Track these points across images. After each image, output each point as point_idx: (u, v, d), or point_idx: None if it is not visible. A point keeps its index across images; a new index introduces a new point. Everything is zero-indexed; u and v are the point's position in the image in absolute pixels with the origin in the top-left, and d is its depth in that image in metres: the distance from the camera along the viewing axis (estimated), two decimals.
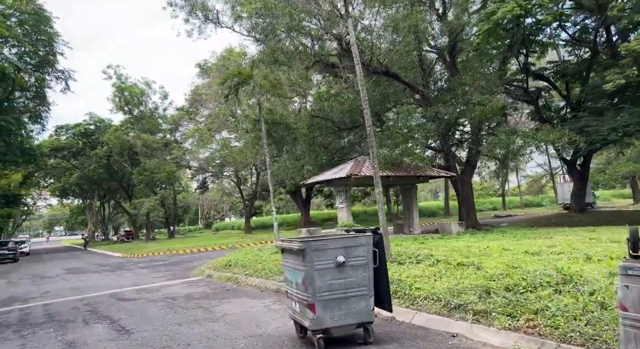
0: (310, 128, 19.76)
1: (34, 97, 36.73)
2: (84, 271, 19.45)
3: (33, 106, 38.26)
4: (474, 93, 15.28)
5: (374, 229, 5.27)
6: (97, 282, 14.41)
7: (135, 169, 43.94)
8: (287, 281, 5.51)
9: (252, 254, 14.31)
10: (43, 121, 38.57)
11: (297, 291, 5.09)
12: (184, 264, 18.50)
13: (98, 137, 51.00)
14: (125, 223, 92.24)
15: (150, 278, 14.45)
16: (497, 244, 10.65)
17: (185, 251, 25.59)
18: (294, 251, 5.00)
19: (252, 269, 11.52)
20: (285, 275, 5.58)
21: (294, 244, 5.06)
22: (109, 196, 63.49)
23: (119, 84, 44.06)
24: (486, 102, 14.51)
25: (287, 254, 5.38)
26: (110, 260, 25.41)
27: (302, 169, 24.66)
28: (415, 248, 10.44)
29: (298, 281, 5.03)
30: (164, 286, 11.92)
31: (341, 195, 17.14)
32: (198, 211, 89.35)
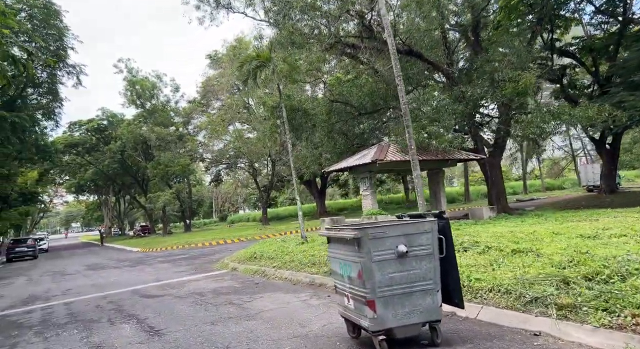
0: (329, 114, 19.01)
1: (47, 93, 36.52)
2: (103, 267, 19.15)
3: (46, 103, 38.11)
4: (504, 69, 14.36)
5: (438, 213, 4.57)
6: (119, 278, 14.01)
7: (150, 163, 43.74)
8: (335, 275, 4.88)
9: (276, 245, 13.75)
10: (56, 117, 38.44)
11: (350, 286, 4.45)
12: (204, 257, 18.06)
13: (111, 133, 50.95)
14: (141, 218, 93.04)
15: (173, 272, 14.00)
16: (542, 229, 9.89)
17: (204, 244, 25.22)
18: (347, 240, 4.35)
19: (280, 261, 10.94)
20: (333, 268, 4.94)
21: (345, 232, 4.40)
22: (124, 191, 63.71)
23: (130, 77, 43.73)
24: (518, 78, 13.61)
25: (336, 244, 4.73)
26: (129, 255, 25.18)
27: (320, 157, 23.99)
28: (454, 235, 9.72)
29: (351, 274, 4.39)
30: (188, 281, 11.42)
31: (365, 182, 16.44)
32: (212, 204, 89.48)
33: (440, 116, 15.08)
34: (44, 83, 35.40)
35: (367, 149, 17.39)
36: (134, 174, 52.55)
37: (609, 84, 22.67)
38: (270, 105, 17.54)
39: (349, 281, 4.47)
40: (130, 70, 44.11)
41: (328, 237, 4.96)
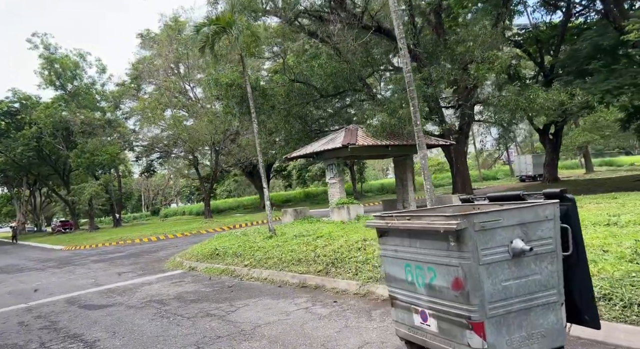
0: (289, 95, 17.45)
1: None
2: (21, 269, 16.19)
3: None
4: (476, 49, 13.75)
5: (558, 192, 3.32)
6: (45, 283, 11.57)
7: (73, 152, 39.12)
8: (395, 281, 3.55)
9: (239, 240, 12.11)
10: None
11: (431, 299, 3.15)
12: (148, 255, 15.85)
13: (24, 117, 44.97)
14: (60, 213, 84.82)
15: (114, 274, 11.83)
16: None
17: (142, 240, 22.62)
18: (431, 233, 3.02)
19: (252, 259, 9.38)
20: (389, 271, 3.60)
21: (434, 220, 3.05)
22: (40, 182, 57.07)
23: (47, 54, 38.60)
24: (494, 58, 13.07)
25: (401, 238, 3.39)
26: (51, 254, 21.91)
27: (274, 144, 22.36)
28: None
29: (435, 282, 3.08)
30: (139, 285, 9.48)
31: (332, 169, 15.18)
32: (142, 198, 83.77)
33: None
34: None
35: (333, 133, 16.15)
36: (52, 164, 46.94)
37: (552, 74, 23.39)
38: (225, 82, 15.62)
39: (428, 291, 3.16)
40: (48, 47, 38.98)
41: (381, 229, 3.60)
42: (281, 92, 17.31)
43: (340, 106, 21.05)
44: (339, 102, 20.84)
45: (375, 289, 5.92)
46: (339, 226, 12.24)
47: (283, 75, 17.14)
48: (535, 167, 43.88)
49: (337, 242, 8.68)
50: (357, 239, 8.54)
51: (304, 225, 13.85)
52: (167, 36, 33.30)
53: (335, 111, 21.03)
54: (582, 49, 19.81)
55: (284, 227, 13.62)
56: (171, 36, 33.57)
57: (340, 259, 7.33)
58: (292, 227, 13.42)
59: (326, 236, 9.76)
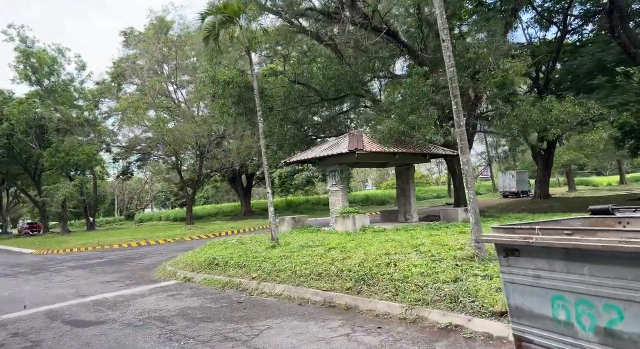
0: (288, 97, 16.64)
1: None
2: None
3: None
4: (488, 57, 13.32)
5: None
6: (17, 292, 10.29)
7: (47, 151, 37.11)
8: (527, 317, 2.75)
9: (239, 249, 11.15)
10: None
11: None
12: (131, 262, 14.63)
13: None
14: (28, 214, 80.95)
15: (98, 283, 10.65)
16: None
17: (121, 246, 21.20)
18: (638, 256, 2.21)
19: (261, 272, 8.44)
20: (519, 303, 2.80)
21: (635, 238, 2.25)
22: (8, 182, 54.19)
23: (23, 48, 36.71)
24: (509, 66, 12.65)
25: (554, 260, 2.58)
26: (21, 258, 20.24)
27: (267, 149, 21.43)
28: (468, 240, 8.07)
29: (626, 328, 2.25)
30: (130, 297, 8.40)
31: (335, 176, 14.39)
32: (115, 201, 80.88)
33: (420, 105, 13.61)
34: None
35: (335, 139, 15.40)
36: (23, 163, 44.51)
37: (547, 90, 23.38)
38: (223, 80, 14.70)
39: (604, 339, 2.33)
40: (25, 40, 37.03)
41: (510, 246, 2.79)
42: (280, 93, 16.50)
43: (339, 111, 20.36)
44: (339, 107, 20.15)
45: (428, 315, 5.10)
46: (346, 237, 11.44)
47: (283, 76, 16.35)
48: (519, 184, 44.20)
49: (356, 255, 7.87)
50: (378, 252, 7.77)
51: (306, 235, 12.99)
52: (154, 34, 32.05)
53: (333, 117, 20.31)
54: (583, 65, 19.79)
55: (284, 237, 12.73)
56: (158, 35, 32.38)
57: (371, 275, 6.51)
58: (294, 236, 12.55)
59: (339, 248, 8.94)
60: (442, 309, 5.03)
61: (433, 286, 5.53)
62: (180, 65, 34.56)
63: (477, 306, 4.73)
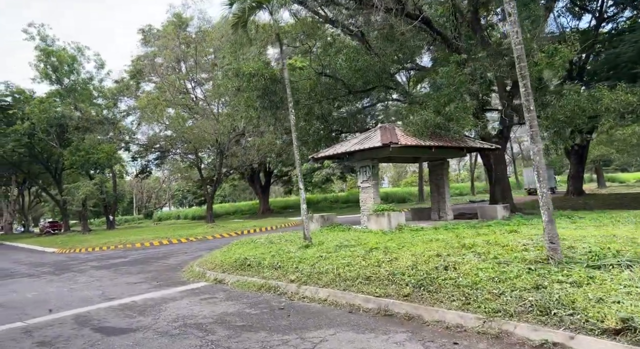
0: (314, 90, 15.97)
1: None
2: (11, 273, 14.41)
3: None
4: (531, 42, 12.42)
5: None
6: (42, 293, 9.88)
7: (67, 149, 37.21)
8: None
9: (269, 248, 10.56)
10: None
11: None
12: (155, 262, 14.18)
13: (16, 112, 42.95)
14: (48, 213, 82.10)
15: (124, 284, 10.19)
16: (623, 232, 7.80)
17: (143, 245, 20.86)
18: None
19: (300, 274, 7.82)
20: None
21: None
22: (30, 181, 54.79)
23: (43, 46, 36.78)
24: (556, 52, 11.76)
25: None
26: (44, 257, 20.06)
27: (290, 145, 20.83)
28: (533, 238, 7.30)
29: None
30: (160, 300, 7.87)
31: (366, 171, 13.69)
32: (133, 200, 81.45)
33: (457, 96, 12.82)
34: None
35: (365, 133, 14.69)
36: (44, 162, 44.85)
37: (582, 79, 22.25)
38: (248, 72, 14.11)
39: None
40: (45, 38, 37.11)
41: None
42: (306, 86, 15.85)
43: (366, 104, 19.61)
44: (366, 100, 19.41)
45: (513, 329, 4.39)
46: (382, 236, 10.75)
47: (309, 68, 15.67)
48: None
49: (403, 256, 7.19)
50: (427, 254, 7.07)
51: (338, 233, 12.34)
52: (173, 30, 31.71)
53: (358, 111, 19.58)
54: (624, 53, 18.70)
55: (315, 235, 12.12)
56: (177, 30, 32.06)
57: (429, 280, 5.82)
58: (325, 235, 11.91)
59: (380, 248, 8.26)
60: (531, 322, 4.32)
61: (511, 294, 4.82)
62: (198, 61, 34.20)
63: (578, 320, 4.01)
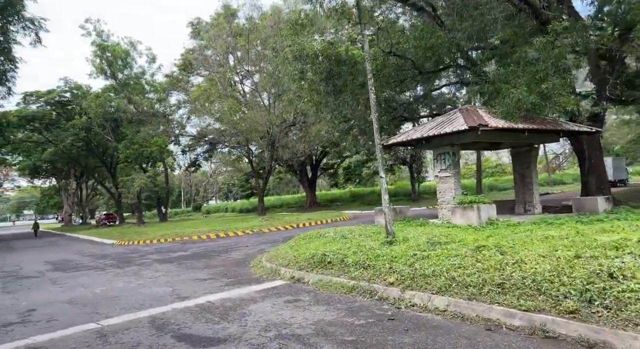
0: (382, 72, 14.70)
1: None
2: (76, 265, 14.24)
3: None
4: None
5: None
6: (109, 288, 9.33)
7: (122, 143, 37.96)
8: None
9: (347, 243, 9.53)
10: (9, 82, 31.92)
11: None
12: (218, 256, 13.52)
13: (74, 107, 44.43)
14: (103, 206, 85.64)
15: (192, 281, 9.47)
16: None
17: (200, 237, 20.49)
18: None
19: (399, 275, 6.69)
20: None
21: None
22: (87, 174, 56.93)
23: (99, 41, 37.52)
24: None
25: None
26: (105, 249, 20.10)
27: (349, 133, 19.69)
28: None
29: None
30: (239, 301, 7.01)
31: (445, 159, 12.34)
32: (181, 193, 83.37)
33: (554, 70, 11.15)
34: None
35: (440, 117, 13.33)
36: (100, 156, 46.27)
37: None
38: (312, 52, 13.06)
39: None
40: (100, 34, 37.85)
41: None
42: (373, 67, 14.59)
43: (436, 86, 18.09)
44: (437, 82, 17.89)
45: None
46: (476, 232, 9.46)
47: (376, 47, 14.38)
48: (616, 172, 39.12)
49: (529, 258, 5.89)
50: (561, 255, 5.73)
51: (418, 228, 11.13)
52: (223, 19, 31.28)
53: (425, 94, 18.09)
54: None
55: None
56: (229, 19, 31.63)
57: (599, 292, 4.51)
58: (404, 230, 10.71)
59: (490, 247, 6.95)
60: None
61: None
62: (249, 52, 33.62)
63: None
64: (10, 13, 27.78)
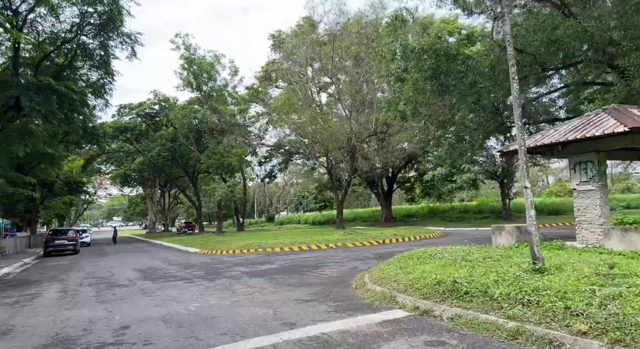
0: (495, 68, 12.84)
1: (98, 66, 32.09)
2: (164, 275, 13.79)
3: (97, 79, 33.74)
4: None
5: None
6: (204, 305, 8.40)
7: (204, 152, 38.95)
8: None
9: (473, 268, 7.83)
10: (107, 94, 33.95)
11: None
12: (308, 271, 12.32)
13: (162, 119, 46.77)
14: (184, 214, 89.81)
15: (291, 301, 8.26)
16: None
17: (282, 249, 19.62)
18: None
19: (592, 321, 4.90)
20: None
21: None
22: (170, 183, 59.73)
23: (187, 55, 39.04)
24: None
25: None
26: (189, 258, 19.88)
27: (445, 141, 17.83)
28: None
29: None
30: (361, 337, 5.62)
31: (587, 169, 10.18)
32: (254, 204, 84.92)
33: None
34: (95, 54, 31.01)
35: (577, 119, 11.19)
36: (183, 166, 48.13)
37: None
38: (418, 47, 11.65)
39: None
40: (188, 48, 39.39)
41: None
42: (485, 63, 12.81)
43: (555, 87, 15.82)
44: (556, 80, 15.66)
45: None
46: None
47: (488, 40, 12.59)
48: None
49: None
50: None
51: (559, 253, 9.11)
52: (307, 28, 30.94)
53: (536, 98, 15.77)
54: None
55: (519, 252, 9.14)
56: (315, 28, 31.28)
57: None
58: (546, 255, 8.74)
59: None
60: None
61: None
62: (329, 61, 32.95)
63: None
64: (111, 29, 29.56)
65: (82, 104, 32.02)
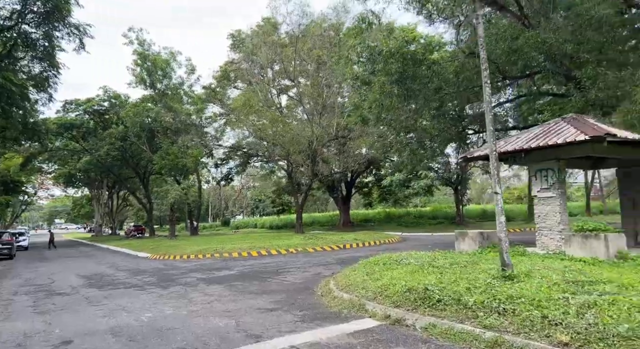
0: (459, 75, 12.99)
1: (41, 58, 29.88)
2: (113, 281, 12.77)
3: (39, 71, 31.39)
4: None
5: None
6: (158, 315, 7.70)
7: (157, 153, 37.25)
8: None
9: (443, 274, 7.71)
10: (50, 88, 31.72)
11: None
12: (270, 278, 11.80)
13: (112, 117, 44.36)
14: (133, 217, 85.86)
15: (254, 310, 7.74)
16: None
17: (240, 254, 18.89)
18: None
19: (573, 332, 4.79)
20: None
21: None
22: (119, 185, 56.79)
23: (141, 50, 37.29)
24: None
25: None
26: (140, 263, 18.70)
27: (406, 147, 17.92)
28: None
29: None
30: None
31: (547, 177, 10.40)
32: (209, 207, 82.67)
33: None
34: (38, 44, 28.86)
35: (538, 127, 11.44)
36: (134, 166, 45.82)
37: None
38: (386, 51, 11.54)
39: None
40: (142, 43, 37.66)
41: None
42: (450, 69, 12.92)
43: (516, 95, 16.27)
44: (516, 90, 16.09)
45: None
46: (611, 268, 7.50)
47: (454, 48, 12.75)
48: None
49: None
50: None
51: (522, 259, 9.18)
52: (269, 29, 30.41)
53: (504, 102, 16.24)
54: None
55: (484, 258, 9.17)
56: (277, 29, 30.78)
57: None
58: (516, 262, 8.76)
59: None
60: None
61: None
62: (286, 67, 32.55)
63: None
64: (56, 18, 27.60)
65: (22, 98, 29.80)
